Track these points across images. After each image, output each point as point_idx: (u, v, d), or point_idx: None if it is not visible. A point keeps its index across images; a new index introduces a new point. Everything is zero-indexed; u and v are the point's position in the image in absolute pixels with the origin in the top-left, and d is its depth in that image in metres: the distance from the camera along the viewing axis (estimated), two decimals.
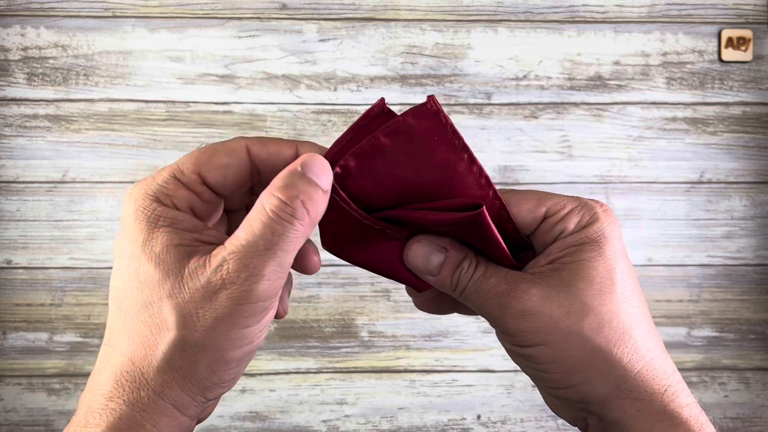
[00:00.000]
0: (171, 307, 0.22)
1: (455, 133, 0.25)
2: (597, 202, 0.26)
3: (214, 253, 0.22)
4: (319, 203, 0.23)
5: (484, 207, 0.24)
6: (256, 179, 0.25)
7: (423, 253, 0.26)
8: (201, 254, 0.22)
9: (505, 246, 0.25)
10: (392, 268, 0.28)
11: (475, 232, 0.25)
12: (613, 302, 0.24)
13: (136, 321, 0.22)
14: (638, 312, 0.25)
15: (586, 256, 0.24)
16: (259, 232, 0.22)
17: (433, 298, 0.30)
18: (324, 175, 0.23)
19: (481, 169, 0.25)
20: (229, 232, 0.25)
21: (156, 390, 0.22)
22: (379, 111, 0.25)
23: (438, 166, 0.25)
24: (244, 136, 0.26)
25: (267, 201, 0.22)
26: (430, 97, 0.25)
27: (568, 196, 0.26)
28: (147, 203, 0.23)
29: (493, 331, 0.29)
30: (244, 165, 0.24)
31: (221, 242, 0.23)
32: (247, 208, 0.27)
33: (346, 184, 0.25)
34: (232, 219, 0.28)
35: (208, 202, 0.24)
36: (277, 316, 0.26)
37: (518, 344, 0.25)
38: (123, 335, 0.23)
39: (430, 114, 0.25)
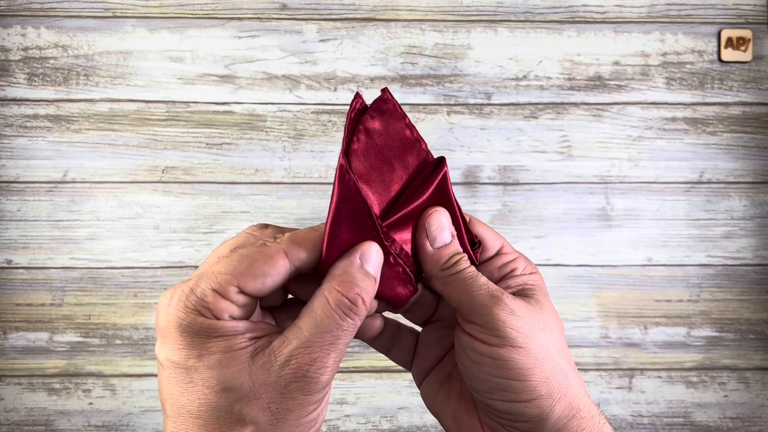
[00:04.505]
0: (243, 405, 0.23)
1: (410, 125, 0.28)
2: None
3: (276, 346, 0.23)
4: (373, 294, 0.25)
5: (445, 166, 0.27)
6: (294, 275, 0.26)
7: (442, 223, 0.27)
8: (260, 349, 0.23)
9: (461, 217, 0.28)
10: (382, 286, 0.28)
11: (439, 199, 0.28)
12: (562, 339, 0.28)
13: (204, 424, 0.23)
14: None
15: (540, 296, 0.28)
16: (325, 327, 0.23)
17: (386, 329, 0.31)
18: (379, 265, 0.25)
19: (429, 153, 0.28)
20: (263, 305, 0.27)
21: None
22: (360, 107, 0.27)
23: (404, 154, 0.28)
24: (276, 232, 0.26)
25: (330, 295, 0.24)
26: (384, 90, 0.27)
27: (511, 246, 0.30)
28: (191, 318, 0.23)
29: None
30: (283, 271, 0.24)
31: (272, 331, 0.24)
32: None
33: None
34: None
35: (245, 306, 0.25)
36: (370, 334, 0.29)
37: (497, 342, 0.25)
38: None
39: (388, 109, 0.27)
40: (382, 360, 0.79)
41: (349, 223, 0.25)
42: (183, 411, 0.23)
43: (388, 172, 0.27)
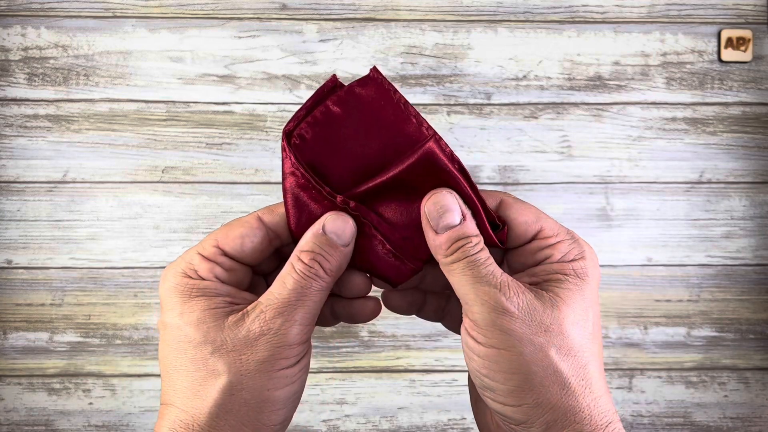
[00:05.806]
0: (217, 358, 0.25)
1: (399, 98, 0.26)
2: (586, 242, 0.27)
3: (250, 307, 0.25)
4: (338, 259, 0.26)
5: (431, 141, 0.25)
6: (276, 243, 0.28)
7: (444, 205, 0.26)
8: (236, 312, 0.25)
9: (468, 186, 0.26)
10: (367, 259, 0.28)
11: (434, 175, 0.26)
12: (583, 336, 0.25)
13: (186, 377, 0.25)
14: (598, 351, 0.26)
15: (572, 287, 0.25)
16: (291, 287, 0.25)
17: (404, 293, 0.31)
18: (343, 232, 0.26)
19: (429, 128, 0.26)
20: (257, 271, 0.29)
21: None
22: (332, 86, 0.27)
23: (388, 130, 0.26)
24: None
25: (295, 262, 0.26)
26: (373, 68, 0.26)
27: (562, 226, 0.27)
28: (178, 279, 0.26)
29: None
30: (258, 232, 0.27)
31: (252, 302, 0.26)
32: (278, 268, 0.30)
33: (305, 154, 0.26)
34: (272, 281, 0.30)
35: (231, 270, 0.27)
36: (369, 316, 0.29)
37: (486, 342, 0.24)
38: (176, 391, 0.25)
39: (374, 83, 0.26)
40: (382, 360, 0.80)
41: (303, 193, 0.26)
42: (170, 368, 0.26)
43: (367, 144, 0.26)
